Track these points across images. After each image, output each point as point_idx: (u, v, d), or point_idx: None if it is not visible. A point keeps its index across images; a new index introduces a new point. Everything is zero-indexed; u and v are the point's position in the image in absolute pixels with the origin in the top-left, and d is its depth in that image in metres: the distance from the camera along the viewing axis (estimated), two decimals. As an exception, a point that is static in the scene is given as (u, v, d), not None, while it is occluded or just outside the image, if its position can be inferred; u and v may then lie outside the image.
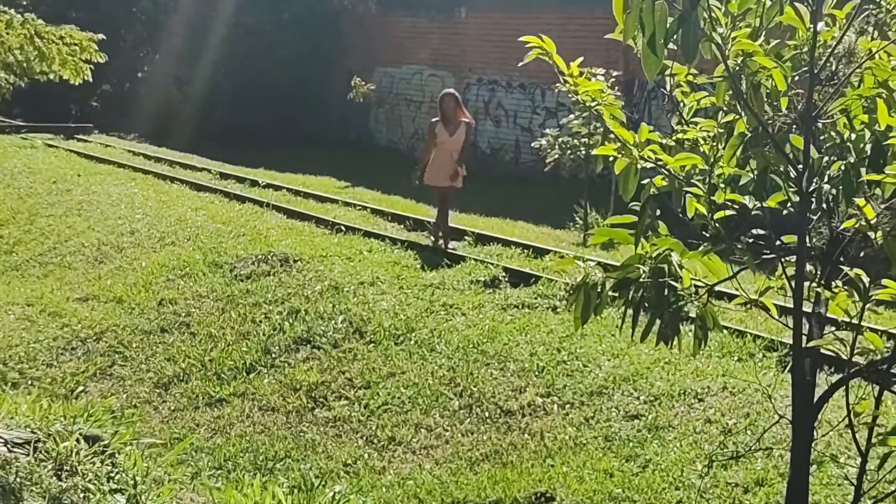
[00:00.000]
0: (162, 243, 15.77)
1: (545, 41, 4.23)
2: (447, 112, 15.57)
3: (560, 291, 12.45)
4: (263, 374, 11.33)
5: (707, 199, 3.88)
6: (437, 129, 15.60)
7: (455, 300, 12.37)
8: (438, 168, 15.47)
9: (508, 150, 29.82)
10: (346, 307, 12.35)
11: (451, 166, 15.38)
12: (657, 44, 3.43)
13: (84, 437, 4.95)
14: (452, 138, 15.46)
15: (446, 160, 15.41)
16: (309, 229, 16.29)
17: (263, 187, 20.60)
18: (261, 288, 13.34)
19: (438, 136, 15.52)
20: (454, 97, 15.96)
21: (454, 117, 15.55)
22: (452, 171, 15.40)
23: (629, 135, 3.99)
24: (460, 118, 15.69)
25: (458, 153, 15.50)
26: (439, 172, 15.47)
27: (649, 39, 3.43)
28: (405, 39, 33.00)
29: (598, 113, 4.20)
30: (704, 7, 3.47)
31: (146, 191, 19.59)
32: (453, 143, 15.47)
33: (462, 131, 15.61)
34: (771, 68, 3.56)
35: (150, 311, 13.23)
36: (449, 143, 15.44)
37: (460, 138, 15.56)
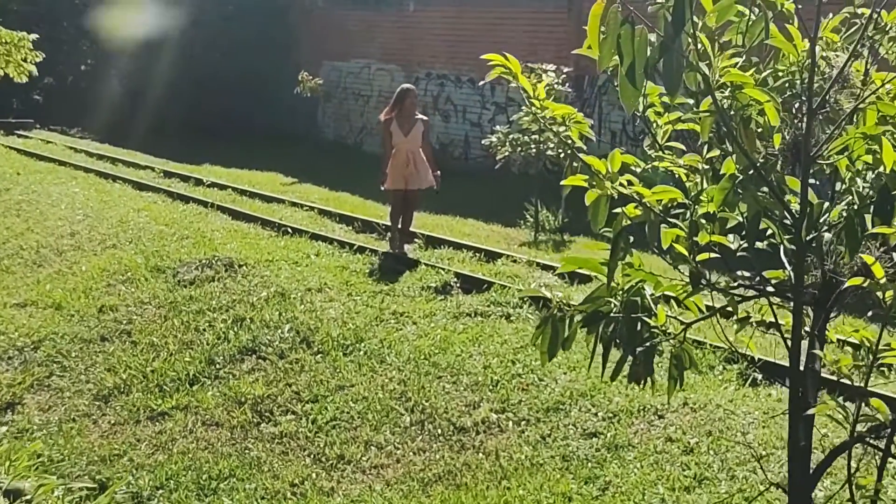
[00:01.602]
0: (103, 246, 15.32)
1: (510, 60, 3.88)
2: (407, 109, 14.73)
3: (513, 298, 12.17)
4: (207, 385, 10.93)
5: (689, 239, 3.54)
6: (392, 129, 14.73)
7: (406, 308, 12.03)
8: (394, 171, 14.69)
9: (458, 145, 29.54)
10: (292, 315, 11.97)
11: (407, 169, 14.65)
12: (637, 74, 3.10)
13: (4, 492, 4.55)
14: (408, 138, 14.66)
15: (402, 162, 14.64)
16: (255, 231, 15.89)
17: (208, 186, 20.19)
18: (205, 294, 12.93)
19: (394, 137, 14.69)
20: (415, 93, 15.23)
21: (411, 115, 14.76)
22: (411, 173, 14.67)
23: (601, 164, 3.64)
24: (416, 116, 14.88)
25: (420, 154, 14.72)
26: (394, 176, 14.70)
27: (628, 69, 3.10)
28: (353, 33, 32.65)
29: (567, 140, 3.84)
30: (689, 33, 3.14)
31: (87, 190, 19.10)
32: (410, 143, 14.66)
33: (419, 130, 14.75)
34: (764, 102, 3.24)
35: (90, 318, 12.78)
36: (405, 144, 14.64)
37: (417, 137, 14.74)
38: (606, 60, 3.21)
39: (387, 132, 14.83)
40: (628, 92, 3.19)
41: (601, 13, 3.16)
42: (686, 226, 3.56)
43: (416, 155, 14.71)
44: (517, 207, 20.06)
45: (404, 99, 14.78)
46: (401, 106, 14.75)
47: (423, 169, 14.76)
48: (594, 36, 3.19)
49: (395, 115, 14.74)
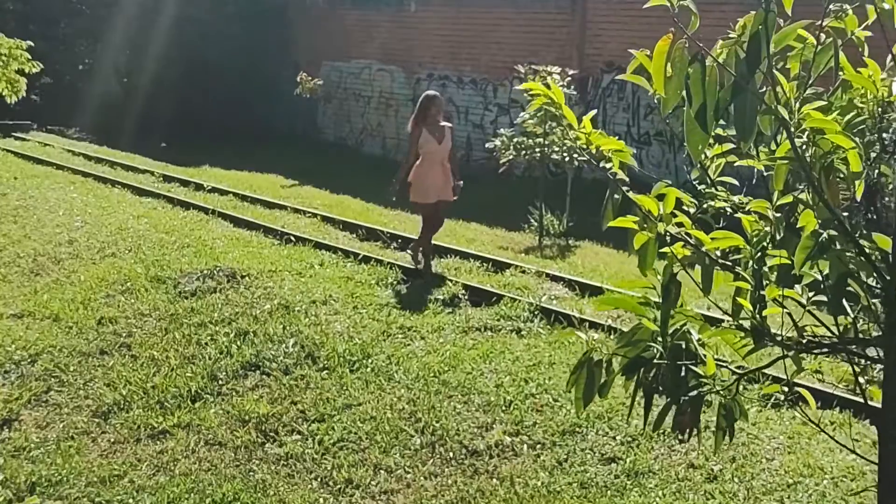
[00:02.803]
0: (102, 254, 14.99)
1: (553, 90, 3.56)
2: (433, 117, 13.89)
3: (523, 312, 11.87)
4: (210, 402, 10.59)
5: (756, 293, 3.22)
6: (422, 138, 13.83)
7: (413, 322, 11.71)
8: (427, 182, 13.87)
9: (460, 147, 29.11)
10: (297, 329, 11.64)
11: (441, 179, 13.88)
12: (707, 117, 2.79)
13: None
14: (441, 146, 13.83)
15: (436, 172, 13.85)
16: (257, 240, 15.58)
17: (209, 191, 19.86)
18: (206, 306, 12.60)
19: (425, 145, 13.81)
20: (441, 100, 14.40)
21: (438, 122, 13.94)
22: (442, 184, 13.89)
23: (653, 204, 3.33)
24: (443, 123, 14.08)
25: (448, 164, 13.98)
26: (428, 187, 13.88)
27: (697, 112, 2.79)
28: (353, 33, 32.43)
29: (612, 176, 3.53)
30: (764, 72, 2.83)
31: (86, 195, 18.79)
32: (442, 152, 13.87)
33: (449, 138, 13.98)
34: (848, 149, 2.91)
35: (88, 330, 12.44)
36: (438, 153, 13.83)
37: (447, 146, 13.93)
38: (672, 101, 2.90)
39: (415, 141, 14.01)
40: (696, 137, 2.87)
41: (667, 50, 2.85)
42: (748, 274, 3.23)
43: (446, 164, 13.99)
44: (521, 211, 19.80)
45: (429, 107, 13.99)
46: (426, 114, 13.94)
47: (452, 180, 14.03)
48: (659, 75, 2.88)
49: (422, 123, 13.94)
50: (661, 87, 2.88)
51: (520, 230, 20.24)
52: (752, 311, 3.24)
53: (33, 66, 14.51)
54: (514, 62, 26.02)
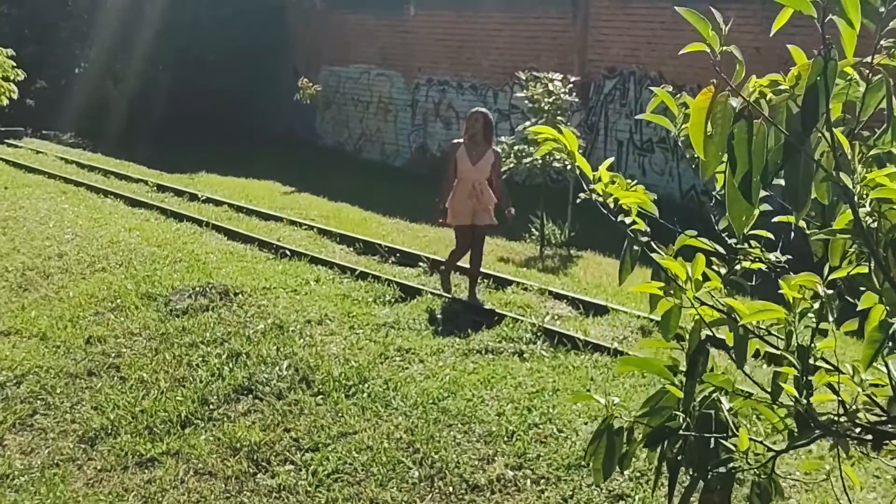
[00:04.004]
0: (92, 269, 14.59)
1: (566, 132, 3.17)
2: (478, 135, 13.11)
3: (526, 333, 11.48)
4: (200, 429, 10.18)
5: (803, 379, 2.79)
6: (458, 154, 13.18)
7: (412, 343, 11.29)
8: (458, 204, 13.13)
9: (459, 153, 28.87)
10: (291, 350, 11.23)
11: (472, 202, 13.06)
12: (753, 185, 2.38)
13: None
14: (476, 167, 13.02)
15: (466, 195, 13.06)
16: (251, 254, 15.17)
17: (203, 202, 19.45)
18: (198, 325, 12.19)
19: (459, 164, 13.10)
20: (488, 118, 13.51)
21: (481, 141, 13.13)
22: (474, 208, 13.07)
23: (680, 268, 2.92)
24: (487, 144, 13.21)
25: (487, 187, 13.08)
26: (458, 209, 13.15)
27: (742, 180, 2.38)
28: (352, 37, 32.11)
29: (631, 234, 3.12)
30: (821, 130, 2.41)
31: (77, 206, 18.38)
32: (477, 173, 13.02)
33: (488, 160, 13.08)
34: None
35: (76, 350, 12.04)
36: (471, 174, 13.02)
37: (485, 168, 13.05)
38: (713, 165, 2.47)
39: (452, 158, 13.36)
40: (739, 208, 2.45)
41: (707, 105, 2.44)
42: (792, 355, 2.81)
43: (483, 187, 13.11)
44: (522, 220, 19.36)
45: (468, 122, 13.42)
46: (472, 131, 13.22)
47: (490, 203, 13.18)
48: (698, 134, 2.46)
49: (465, 140, 13.28)
50: (699, 148, 2.46)
51: (520, 240, 19.90)
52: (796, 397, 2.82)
53: (17, 74, 14.14)
54: (514, 67, 25.70)
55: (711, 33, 2.56)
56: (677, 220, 3.68)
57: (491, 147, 13.23)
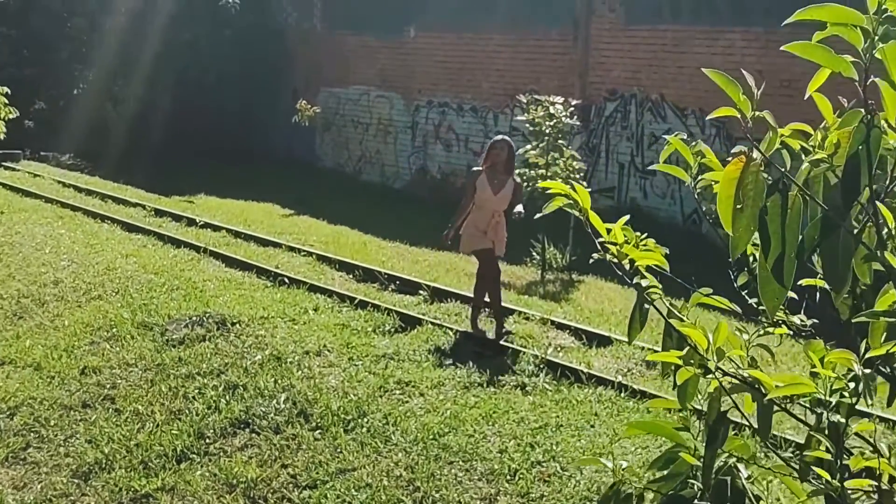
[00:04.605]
0: (88, 297, 14.39)
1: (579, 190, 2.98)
2: (499, 163, 12.69)
3: (528, 366, 11.28)
4: (196, 463, 9.98)
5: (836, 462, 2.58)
6: (478, 182, 12.71)
7: (412, 376, 11.08)
8: (475, 230, 12.70)
9: (460, 174, 28.75)
10: (289, 383, 11.02)
11: (491, 228, 12.63)
12: (786, 265, 2.18)
13: None
14: (497, 196, 12.59)
15: (484, 220, 12.63)
16: (249, 281, 14.95)
17: (201, 227, 19.24)
18: (195, 356, 11.98)
19: (480, 192, 12.65)
20: (512, 147, 13.11)
21: (503, 171, 12.73)
22: (492, 237, 12.66)
23: (701, 337, 2.71)
24: (509, 174, 12.84)
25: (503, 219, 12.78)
26: (476, 234, 12.71)
27: (775, 262, 2.18)
28: (352, 59, 31.98)
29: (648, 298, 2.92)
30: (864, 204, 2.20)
31: (74, 231, 18.17)
32: (497, 203, 12.62)
33: (509, 190, 12.68)
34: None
35: (71, 381, 11.84)
36: (492, 203, 12.60)
37: (506, 198, 12.65)
38: (744, 241, 2.26)
39: (470, 186, 12.92)
40: (772, 290, 2.24)
41: (738, 176, 2.23)
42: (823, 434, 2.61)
43: (501, 218, 12.79)
44: (523, 243, 19.21)
45: (492, 151, 12.89)
46: (493, 160, 12.77)
47: (504, 236, 12.91)
48: (727, 208, 2.25)
49: (486, 168, 12.79)
50: (728, 223, 2.25)
51: (521, 263, 19.73)
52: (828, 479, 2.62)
53: (10, 112, 13.96)
54: (515, 89, 25.55)
55: (742, 98, 2.36)
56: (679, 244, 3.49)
57: (511, 177, 12.92)
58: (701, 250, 15.59)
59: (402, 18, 30.03)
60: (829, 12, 2.15)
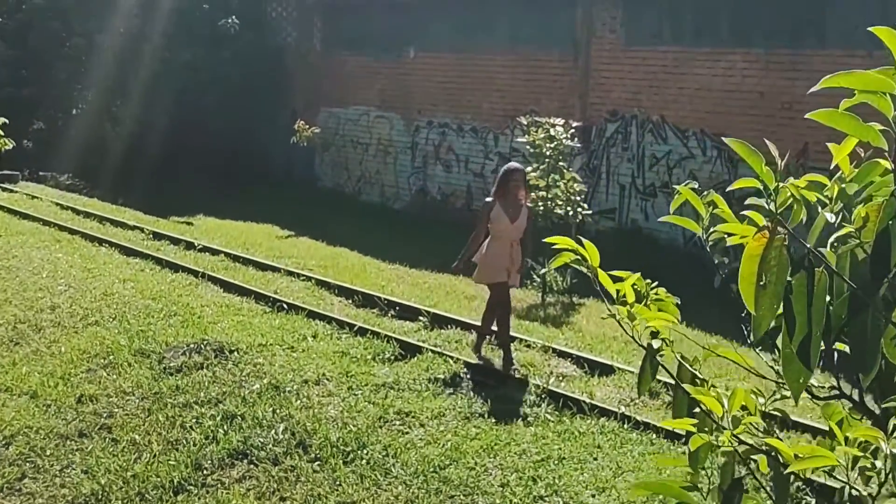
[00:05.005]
0: (85, 322, 14.25)
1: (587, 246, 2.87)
2: (512, 192, 12.50)
3: (530, 396, 11.15)
4: (193, 495, 9.84)
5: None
6: (493, 213, 12.47)
7: (412, 406, 10.94)
8: (494, 261, 12.49)
9: (460, 196, 28.68)
10: (287, 413, 10.88)
11: (508, 261, 12.49)
12: (812, 346, 2.05)
13: None
14: (514, 225, 12.44)
15: (504, 254, 12.48)
16: (248, 307, 14.82)
17: (200, 251, 19.11)
18: (192, 385, 11.85)
19: (496, 223, 12.44)
20: (524, 174, 13.10)
21: (516, 198, 12.55)
22: (510, 266, 12.51)
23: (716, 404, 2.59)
24: (522, 201, 12.72)
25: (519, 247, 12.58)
26: (495, 266, 12.51)
27: (801, 345, 2.05)
28: (351, 79, 31.90)
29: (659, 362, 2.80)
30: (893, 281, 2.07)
31: (72, 255, 18.04)
32: (515, 232, 12.48)
33: (524, 217, 12.57)
34: None
35: (67, 409, 11.70)
36: (510, 232, 12.44)
37: (522, 226, 12.52)
38: (767, 320, 2.14)
39: (485, 216, 12.63)
40: (796, 370, 2.12)
41: (760, 253, 2.11)
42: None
43: (518, 246, 12.65)
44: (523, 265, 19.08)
45: (508, 181, 12.59)
46: (505, 189, 12.54)
47: (520, 264, 12.79)
48: (749, 286, 2.13)
49: (499, 197, 12.57)
50: (751, 302, 2.13)
51: (522, 286, 19.57)
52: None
53: (5, 144, 13.90)
54: (515, 110, 25.48)
55: (766, 169, 2.24)
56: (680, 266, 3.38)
57: (525, 204, 12.78)
58: (702, 272, 15.46)
59: (401, 39, 29.96)
60: (858, 79, 2.03)
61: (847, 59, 19.66)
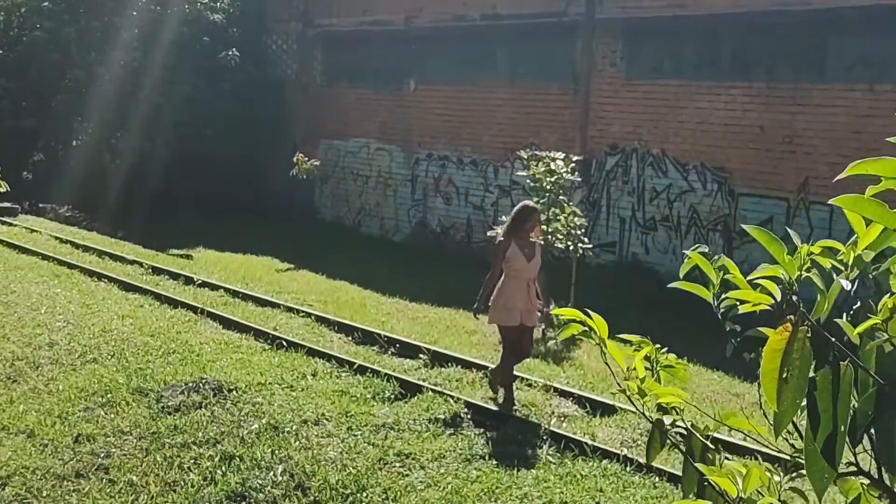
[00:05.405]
0: (83, 360, 14.15)
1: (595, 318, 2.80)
2: (527, 231, 12.34)
3: (531, 437, 11.03)
4: (191, 540, 9.74)
5: None
6: (510, 253, 12.19)
7: (412, 447, 10.82)
8: (509, 302, 12.18)
9: (460, 228, 28.60)
10: (286, 454, 10.77)
11: (525, 301, 12.18)
12: (838, 447, 1.95)
13: None
14: (530, 264, 12.21)
15: (521, 294, 12.18)
16: (247, 344, 14.72)
17: (199, 286, 19.01)
18: (191, 424, 11.73)
19: (512, 262, 12.17)
20: (539, 213, 12.99)
21: (528, 236, 12.34)
22: (527, 307, 12.19)
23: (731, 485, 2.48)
24: (534, 239, 12.54)
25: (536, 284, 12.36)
26: (512, 309, 12.18)
27: (825, 443, 1.95)
28: (352, 111, 31.87)
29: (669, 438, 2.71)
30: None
31: (70, 290, 17.94)
32: (531, 271, 12.25)
33: (539, 255, 12.38)
34: None
35: (64, 449, 11.57)
36: (525, 272, 12.20)
37: (537, 265, 12.31)
38: (789, 416, 2.04)
39: (502, 255, 12.27)
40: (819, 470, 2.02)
41: (783, 347, 2.02)
42: None
43: (533, 285, 12.39)
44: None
45: (526, 221, 12.38)
46: (522, 228, 12.34)
47: (536, 303, 12.47)
48: (771, 382, 2.04)
49: (513, 236, 12.34)
50: (773, 397, 2.04)
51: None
52: None
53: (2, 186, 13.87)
54: (515, 143, 25.44)
55: (787, 258, 2.15)
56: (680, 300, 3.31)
57: (536, 241, 12.62)
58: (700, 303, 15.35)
59: (402, 71, 29.96)
60: (884, 166, 1.95)
61: (848, 93, 19.65)
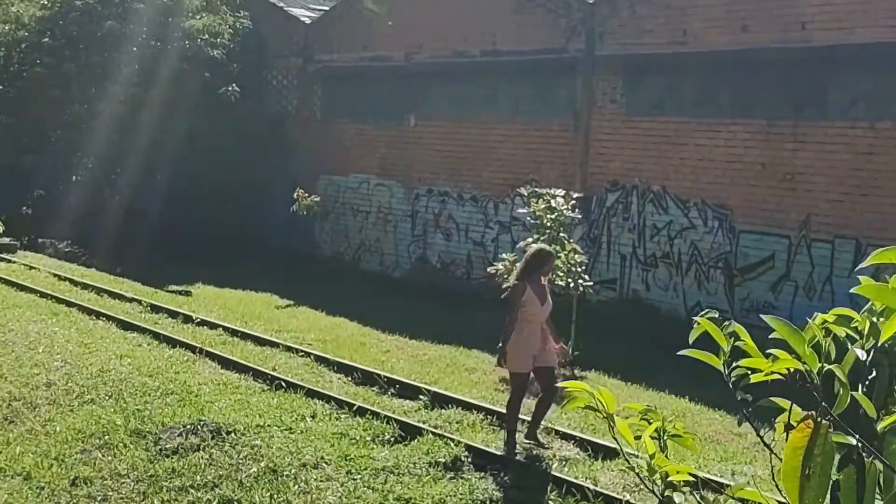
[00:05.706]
0: (80, 400, 14.06)
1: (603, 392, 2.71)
2: (543, 275, 12.40)
3: (533, 481, 10.92)
4: (188, 588, 9.62)
5: None
6: (526, 298, 12.06)
7: (412, 492, 10.70)
8: (524, 348, 12.07)
9: (460, 264, 28.49)
10: (285, 498, 10.67)
11: (539, 344, 12.12)
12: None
13: None
14: (544, 307, 12.17)
15: (535, 337, 12.11)
16: (246, 385, 14.62)
17: (198, 325, 18.91)
18: (189, 467, 11.63)
19: (529, 307, 12.05)
20: (554, 258, 12.97)
21: (539, 278, 12.26)
22: (540, 349, 12.13)
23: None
24: (544, 281, 12.50)
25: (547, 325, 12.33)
26: (523, 354, 12.08)
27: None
28: (352, 147, 31.82)
29: None
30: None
31: (68, 329, 17.85)
32: (545, 314, 12.21)
33: (549, 296, 12.37)
34: None
35: (61, 492, 11.48)
36: (540, 315, 12.14)
37: (550, 306, 12.28)
38: None
39: (518, 299, 12.12)
40: None
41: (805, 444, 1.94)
42: None
43: (547, 327, 12.42)
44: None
45: (543, 265, 12.41)
46: (539, 272, 12.31)
47: (552, 343, 12.45)
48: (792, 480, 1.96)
49: (528, 279, 12.20)
50: (795, 497, 1.95)
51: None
52: None
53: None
54: (515, 179, 25.37)
55: (808, 351, 2.08)
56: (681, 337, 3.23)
57: (545, 283, 12.52)
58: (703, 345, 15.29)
59: (402, 107, 29.93)
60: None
61: (849, 130, 19.59)
